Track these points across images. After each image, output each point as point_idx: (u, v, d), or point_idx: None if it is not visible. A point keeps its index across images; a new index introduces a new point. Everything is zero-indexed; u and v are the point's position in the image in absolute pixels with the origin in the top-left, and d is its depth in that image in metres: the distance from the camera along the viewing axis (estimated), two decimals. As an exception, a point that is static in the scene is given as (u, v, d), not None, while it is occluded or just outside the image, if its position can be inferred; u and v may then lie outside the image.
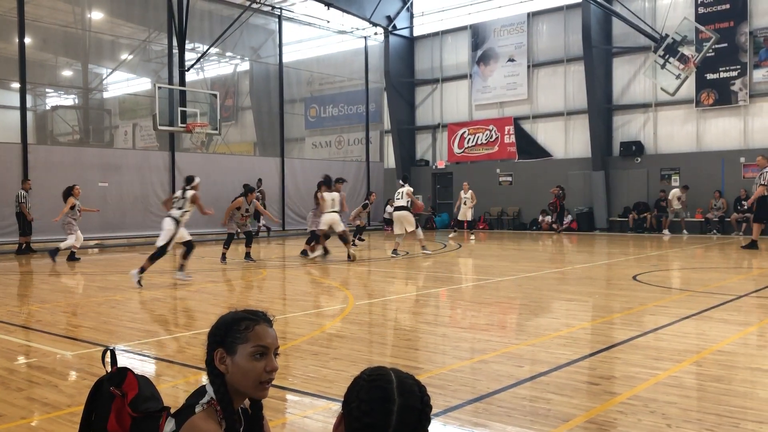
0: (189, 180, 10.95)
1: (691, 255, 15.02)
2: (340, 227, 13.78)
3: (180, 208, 10.47)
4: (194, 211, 10.82)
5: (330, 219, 13.70)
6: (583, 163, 23.49)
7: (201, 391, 1.99)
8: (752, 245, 15.11)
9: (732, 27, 20.55)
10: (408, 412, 1.55)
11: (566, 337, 6.19)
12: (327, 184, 14.19)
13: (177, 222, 10.35)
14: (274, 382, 2.04)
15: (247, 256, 13.91)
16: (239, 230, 14.12)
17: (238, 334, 1.97)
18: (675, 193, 20.97)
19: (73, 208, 14.32)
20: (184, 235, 10.58)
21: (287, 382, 4.71)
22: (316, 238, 14.32)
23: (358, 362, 5.29)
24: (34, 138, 23.77)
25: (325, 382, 4.71)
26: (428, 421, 1.60)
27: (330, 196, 13.84)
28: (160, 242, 10.26)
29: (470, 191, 21.95)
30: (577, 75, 23.52)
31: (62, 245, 14.22)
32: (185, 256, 10.70)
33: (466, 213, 22.03)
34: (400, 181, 15.58)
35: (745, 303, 8.09)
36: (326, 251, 14.40)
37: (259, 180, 21.56)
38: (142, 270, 10.07)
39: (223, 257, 13.71)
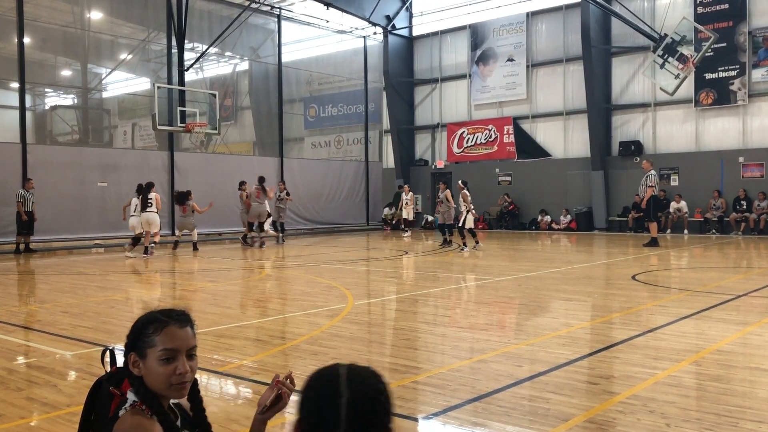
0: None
1: (690, 255, 15.03)
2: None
3: None
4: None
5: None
6: (583, 162, 23.50)
7: (124, 400, 1.97)
8: (653, 242, 16.10)
9: (731, 27, 20.56)
10: (359, 403, 1.40)
11: (565, 336, 6.19)
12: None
13: None
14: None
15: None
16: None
17: (146, 338, 1.94)
18: (674, 205, 21.13)
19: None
20: None
21: (286, 381, 4.71)
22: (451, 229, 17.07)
23: (357, 362, 5.28)
24: (33, 138, 23.74)
25: (324, 382, 4.70)
26: (385, 411, 1.43)
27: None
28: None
29: (410, 193, 22.24)
30: (577, 75, 23.52)
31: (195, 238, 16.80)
32: None
33: (409, 212, 22.98)
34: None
35: (744, 302, 8.10)
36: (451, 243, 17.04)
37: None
38: None
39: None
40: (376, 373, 1.51)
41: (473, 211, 16.41)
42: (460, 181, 16.97)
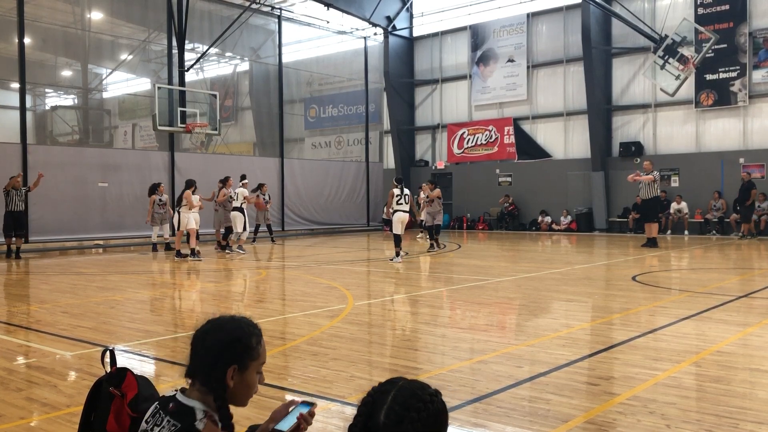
0: None
1: (691, 255, 15.03)
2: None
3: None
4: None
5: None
6: (583, 163, 23.49)
7: (187, 411, 1.93)
8: (650, 243, 16.21)
9: (731, 28, 20.55)
10: (395, 413, 1.55)
11: (565, 337, 6.19)
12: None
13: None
14: (273, 382, 2.06)
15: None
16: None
17: (251, 350, 1.96)
18: (674, 206, 21.16)
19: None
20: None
21: (287, 382, 4.71)
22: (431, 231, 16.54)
23: (357, 362, 5.30)
24: (33, 138, 23.76)
25: (324, 383, 4.70)
26: (422, 425, 1.55)
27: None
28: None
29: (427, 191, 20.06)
30: (577, 75, 23.52)
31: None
32: None
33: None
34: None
35: (744, 304, 8.10)
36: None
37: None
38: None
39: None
40: (430, 392, 1.62)
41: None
42: (394, 179, 15.09)
